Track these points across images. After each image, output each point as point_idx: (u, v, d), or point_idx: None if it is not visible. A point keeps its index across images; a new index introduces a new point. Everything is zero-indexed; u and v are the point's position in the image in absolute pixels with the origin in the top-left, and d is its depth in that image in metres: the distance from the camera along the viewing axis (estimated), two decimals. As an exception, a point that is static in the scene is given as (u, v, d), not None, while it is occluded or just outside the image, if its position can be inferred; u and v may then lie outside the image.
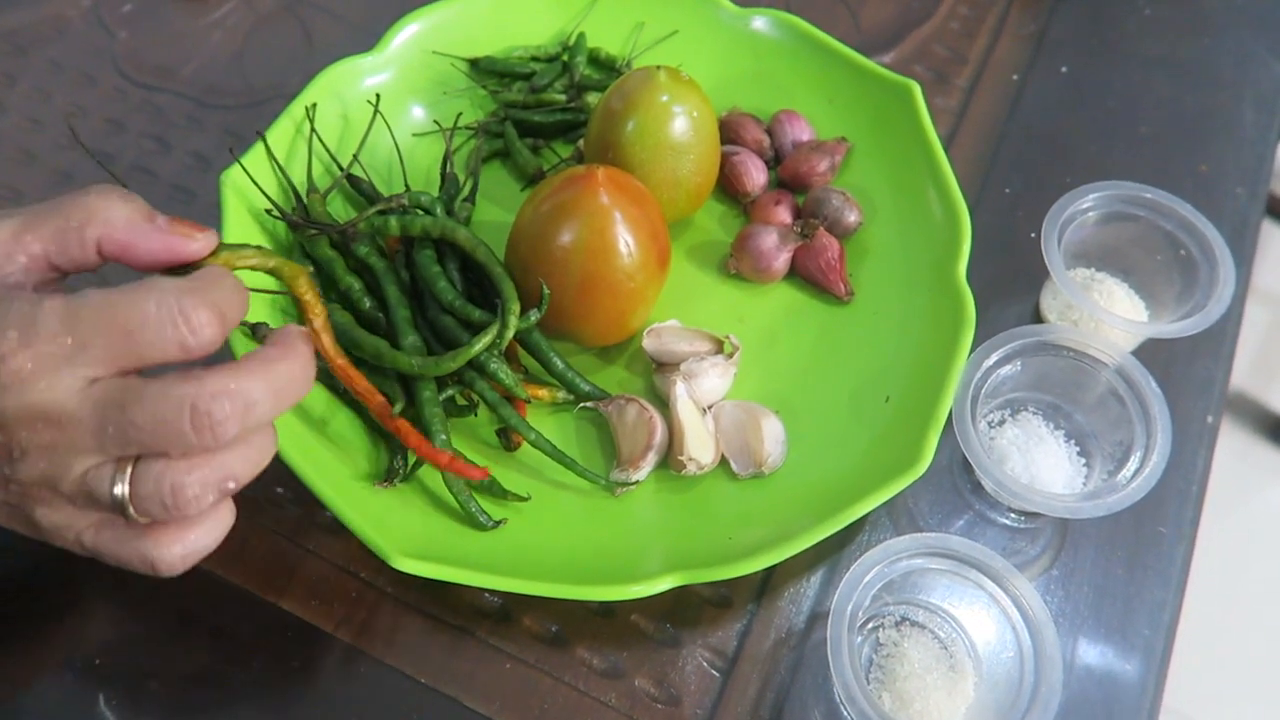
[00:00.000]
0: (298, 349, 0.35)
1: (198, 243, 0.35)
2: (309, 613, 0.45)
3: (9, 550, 0.45)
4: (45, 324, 0.31)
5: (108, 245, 0.34)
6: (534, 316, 0.46)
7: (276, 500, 0.47)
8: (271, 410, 0.34)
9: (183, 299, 0.32)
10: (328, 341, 0.42)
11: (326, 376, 0.46)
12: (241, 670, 0.43)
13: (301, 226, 0.49)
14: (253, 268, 0.38)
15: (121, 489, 0.32)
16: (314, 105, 0.53)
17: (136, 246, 0.35)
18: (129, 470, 0.32)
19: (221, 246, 0.37)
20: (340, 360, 0.43)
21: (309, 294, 0.41)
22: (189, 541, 0.34)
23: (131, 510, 0.32)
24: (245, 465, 0.34)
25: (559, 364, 0.48)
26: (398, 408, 0.45)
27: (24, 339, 0.31)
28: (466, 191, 0.54)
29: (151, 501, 0.32)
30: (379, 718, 0.42)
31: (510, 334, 0.45)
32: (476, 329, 0.46)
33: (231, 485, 0.33)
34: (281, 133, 0.52)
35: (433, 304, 0.47)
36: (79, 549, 0.34)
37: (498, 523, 0.44)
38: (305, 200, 0.51)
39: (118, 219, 0.34)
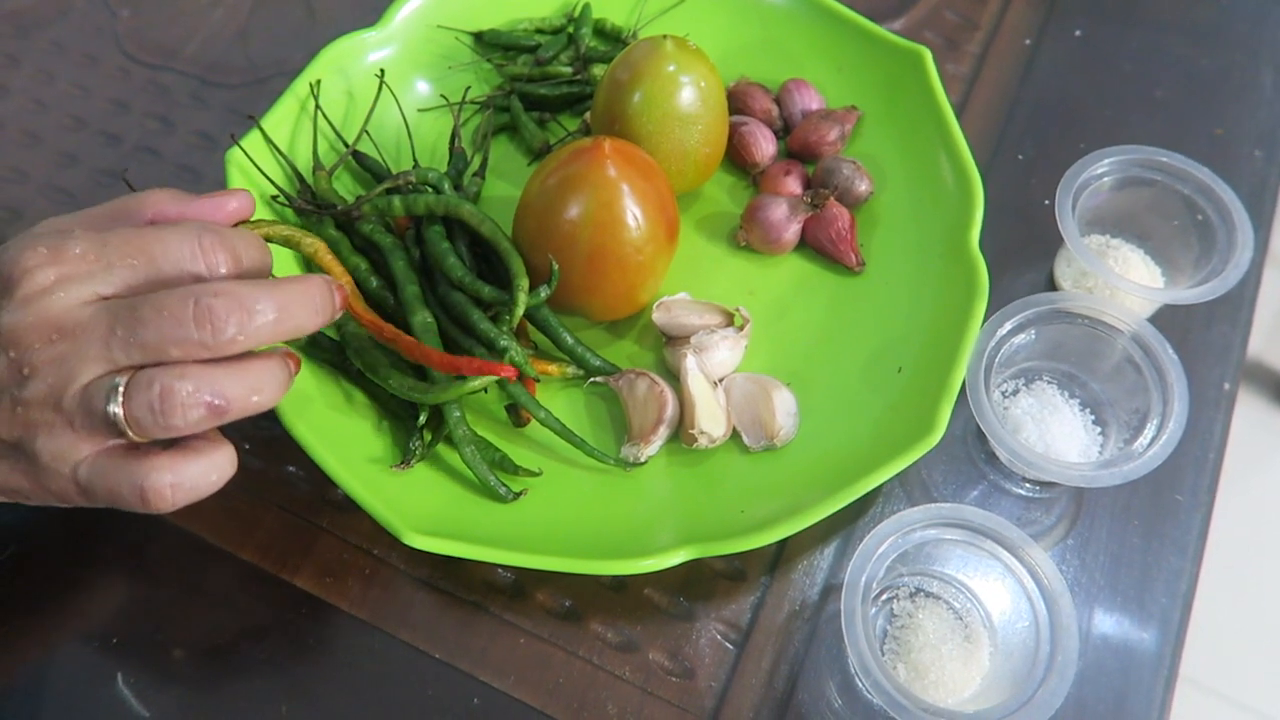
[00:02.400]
0: (309, 278, 0.37)
1: (236, 200, 0.39)
2: (323, 590, 0.45)
3: (25, 528, 0.45)
4: (74, 245, 0.34)
5: (160, 219, 0.38)
6: (544, 293, 0.46)
7: (289, 479, 0.47)
8: (273, 325, 0.35)
9: (203, 234, 0.35)
10: (355, 303, 0.45)
11: (339, 360, 0.46)
12: (257, 649, 0.44)
13: (307, 212, 0.48)
14: (267, 236, 0.42)
15: (117, 397, 0.33)
16: (318, 82, 0.52)
17: (186, 214, 0.38)
18: (126, 379, 0.33)
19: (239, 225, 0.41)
20: (368, 316, 0.44)
21: (332, 264, 0.45)
22: (181, 471, 0.34)
23: (123, 419, 0.33)
24: (238, 387, 0.34)
25: (569, 339, 0.48)
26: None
27: (53, 255, 0.34)
28: (476, 166, 0.54)
29: (141, 407, 0.33)
30: (394, 694, 0.43)
31: (520, 311, 0.45)
32: (486, 305, 0.46)
33: (219, 403, 0.34)
34: (286, 111, 0.51)
35: (442, 280, 0.47)
36: (75, 490, 0.35)
37: (518, 494, 0.44)
38: (311, 178, 0.50)
39: (165, 197, 0.38)
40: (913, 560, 0.44)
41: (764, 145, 0.54)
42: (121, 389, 0.33)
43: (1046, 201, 0.56)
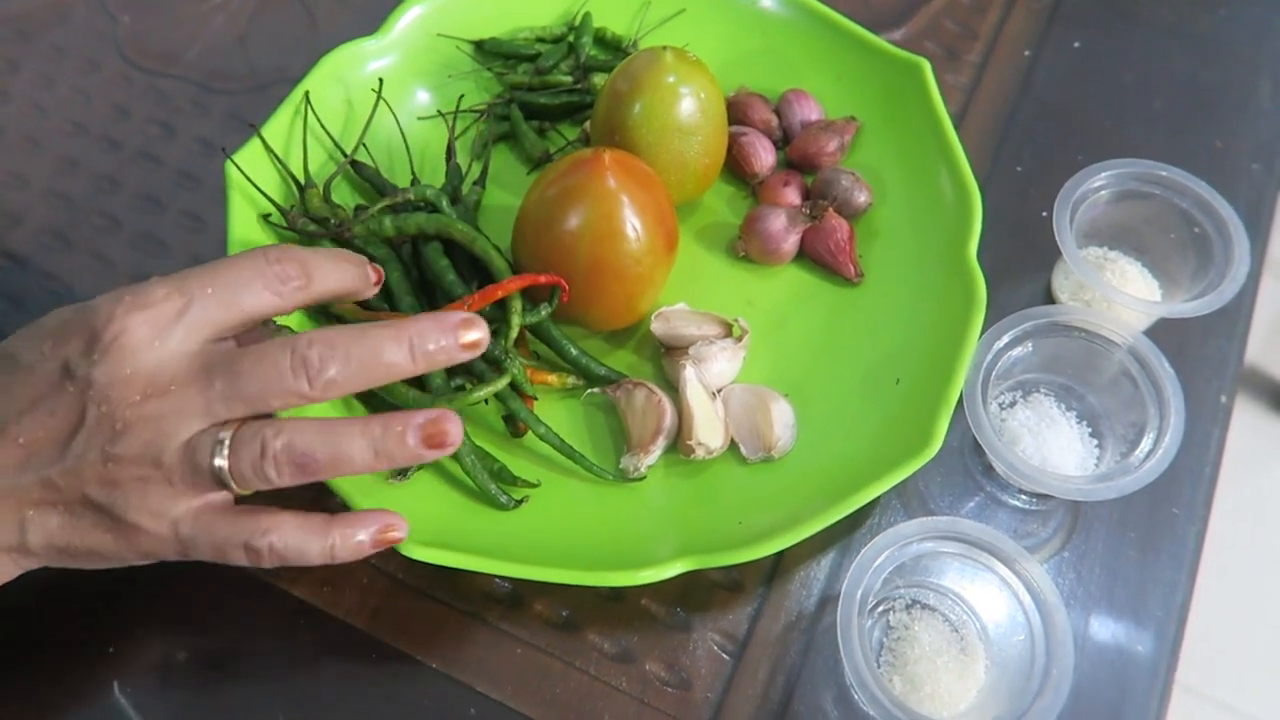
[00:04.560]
0: (397, 323, 0.37)
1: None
2: (321, 599, 0.45)
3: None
4: (156, 289, 0.35)
5: None
6: (545, 311, 0.46)
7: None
8: (366, 365, 0.35)
9: (269, 251, 0.37)
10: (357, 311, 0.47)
11: None
12: (255, 658, 0.44)
13: (298, 232, 0.48)
14: None
15: (223, 451, 0.34)
16: (307, 93, 0.52)
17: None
18: (230, 434, 0.34)
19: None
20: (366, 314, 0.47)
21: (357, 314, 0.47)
22: (285, 531, 0.35)
23: (229, 473, 0.34)
24: (324, 446, 0.35)
25: (572, 350, 0.48)
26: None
27: (136, 302, 0.34)
28: (476, 174, 0.54)
29: (244, 459, 0.34)
30: (391, 704, 0.43)
31: (514, 333, 0.45)
32: (486, 320, 0.46)
33: (304, 458, 0.34)
34: (285, 119, 0.51)
35: (443, 297, 0.47)
36: (173, 545, 0.35)
37: (518, 502, 0.44)
38: (304, 194, 0.50)
39: None
40: (909, 572, 0.44)
41: (763, 156, 0.55)
42: (227, 443, 0.34)
43: (1044, 213, 0.56)
